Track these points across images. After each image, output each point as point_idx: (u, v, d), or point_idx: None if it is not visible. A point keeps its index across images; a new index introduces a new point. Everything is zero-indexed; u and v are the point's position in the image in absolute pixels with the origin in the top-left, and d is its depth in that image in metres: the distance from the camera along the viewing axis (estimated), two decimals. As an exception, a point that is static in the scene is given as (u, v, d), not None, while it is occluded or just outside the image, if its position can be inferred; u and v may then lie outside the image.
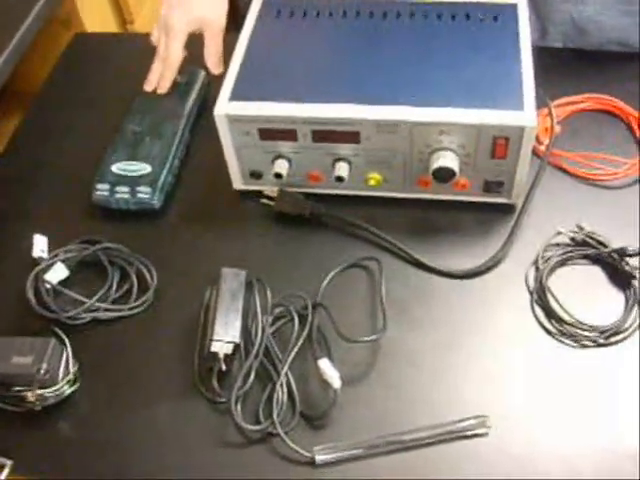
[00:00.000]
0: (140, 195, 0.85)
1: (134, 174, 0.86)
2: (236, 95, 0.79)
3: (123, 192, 0.85)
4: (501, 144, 0.76)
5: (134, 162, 0.87)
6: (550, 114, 0.83)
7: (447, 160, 0.77)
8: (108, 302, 0.79)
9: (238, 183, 0.86)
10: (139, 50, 0.95)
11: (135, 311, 0.79)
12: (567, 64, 0.97)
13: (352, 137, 0.78)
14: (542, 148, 0.87)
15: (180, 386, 0.74)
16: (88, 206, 0.87)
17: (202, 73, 0.96)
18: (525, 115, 0.75)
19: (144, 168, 0.87)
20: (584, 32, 1.00)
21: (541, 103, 0.84)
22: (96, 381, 0.74)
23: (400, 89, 0.78)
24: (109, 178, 0.86)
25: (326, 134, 0.78)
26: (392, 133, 0.77)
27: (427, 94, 0.77)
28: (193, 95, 0.94)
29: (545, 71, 0.90)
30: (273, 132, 0.79)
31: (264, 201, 0.84)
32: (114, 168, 0.87)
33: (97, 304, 0.79)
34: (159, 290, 0.80)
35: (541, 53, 0.92)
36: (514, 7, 0.86)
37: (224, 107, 0.78)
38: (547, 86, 0.91)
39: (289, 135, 0.79)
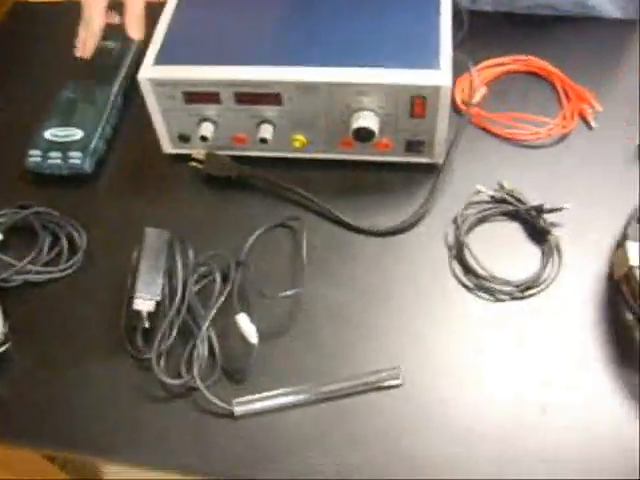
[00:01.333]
0: (72, 160, 0.86)
1: (66, 140, 0.87)
2: (160, 59, 0.80)
3: (55, 158, 0.86)
4: (419, 103, 0.78)
5: (67, 128, 0.88)
6: (470, 75, 0.84)
7: (366, 120, 0.78)
8: (39, 265, 0.81)
9: (167, 147, 0.87)
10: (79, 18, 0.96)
11: (65, 273, 0.81)
12: (497, 27, 0.98)
13: (274, 99, 0.79)
14: (467, 108, 0.88)
15: (109, 344, 0.75)
16: (22, 172, 0.88)
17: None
18: (441, 74, 0.76)
19: (76, 134, 0.88)
20: None
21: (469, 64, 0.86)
22: (28, 342, 0.76)
23: (321, 50, 0.79)
24: (41, 144, 0.87)
25: (249, 96, 0.80)
26: (313, 94, 0.78)
27: (346, 54, 0.78)
28: (127, 60, 0.95)
29: (475, 34, 0.92)
30: (197, 95, 0.80)
31: (193, 164, 0.85)
32: (47, 134, 0.88)
33: (29, 267, 0.80)
34: (89, 252, 0.82)
35: (472, 17, 0.94)
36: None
37: (148, 71, 0.80)
38: (477, 48, 0.93)
39: (213, 98, 0.80)
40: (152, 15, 0.84)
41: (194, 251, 0.78)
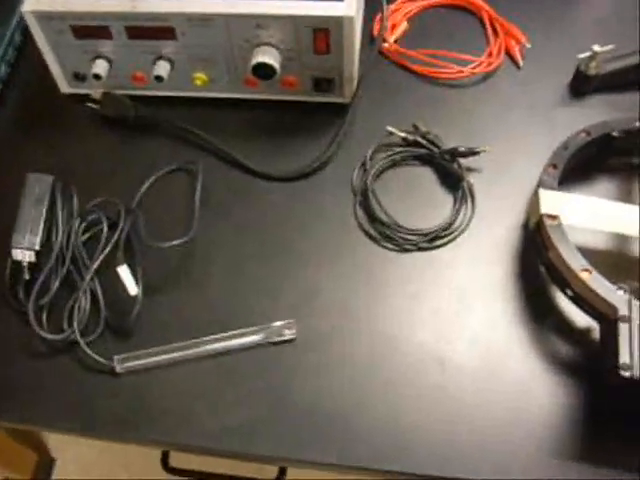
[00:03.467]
0: (-38, 101, 0.80)
1: (-43, 79, 0.81)
2: (44, -10, 0.74)
3: (-56, 98, 0.80)
4: (321, 37, 0.72)
5: (-40, 67, 0.82)
6: (381, 11, 0.78)
7: (266, 56, 0.72)
8: None
9: (64, 86, 0.82)
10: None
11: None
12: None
13: (168, 33, 0.74)
14: (385, 45, 0.82)
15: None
16: None
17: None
18: (343, 5, 0.70)
19: (-31, 72, 0.82)
20: None
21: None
22: None
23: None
24: None
25: (140, 30, 0.74)
26: (207, 27, 0.72)
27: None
28: None
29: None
30: (86, 29, 0.74)
31: (89, 104, 0.80)
32: (-62, 74, 0.82)
33: None
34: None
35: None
36: None
37: (32, 3, 0.74)
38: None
39: (103, 32, 0.74)
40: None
41: (83, 198, 0.73)
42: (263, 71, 0.73)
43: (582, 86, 0.79)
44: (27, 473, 1.32)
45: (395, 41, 0.83)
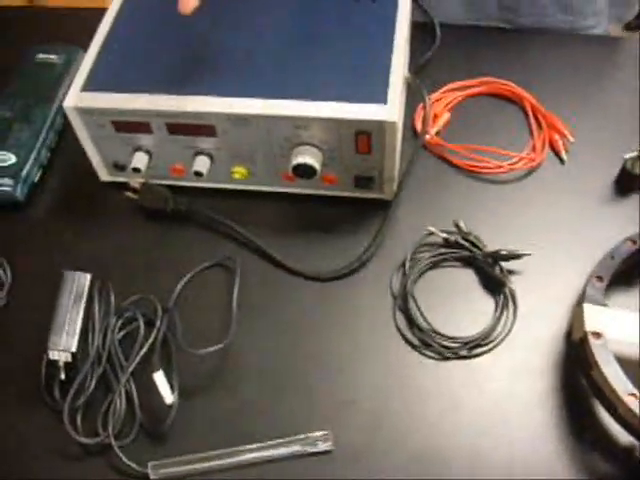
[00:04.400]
0: (2, 188, 0.81)
1: (-3, 165, 0.82)
2: (89, 85, 0.74)
3: (-15, 185, 0.81)
4: (363, 139, 0.71)
5: (0, 151, 0.83)
6: (424, 106, 0.77)
7: (306, 157, 0.72)
8: (-40, 302, 0.76)
9: (104, 175, 0.82)
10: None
11: (-12, 312, 0.76)
12: (470, 43, 0.91)
13: (208, 130, 0.73)
14: (427, 137, 0.81)
15: (27, 392, 0.70)
16: (-48, 197, 0.83)
17: (81, 53, 0.91)
18: (386, 109, 0.69)
19: (9, 158, 0.82)
20: None
21: (430, 89, 0.79)
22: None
23: (257, 79, 0.72)
24: (-28, 169, 0.82)
25: (181, 127, 0.73)
26: (247, 127, 0.72)
27: (285, 84, 0.72)
28: (70, 77, 0.89)
29: (447, 50, 0.85)
30: (127, 124, 0.74)
31: (128, 194, 0.80)
32: (-22, 158, 0.83)
33: (-52, 305, 0.75)
34: (15, 291, 0.77)
35: (445, 31, 0.87)
36: (396, -15, 0.79)
37: (74, 99, 0.74)
38: (446, 66, 0.86)
39: (144, 128, 0.74)
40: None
41: (120, 293, 0.72)
42: (303, 171, 0.72)
43: (628, 185, 0.78)
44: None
45: (437, 133, 0.82)
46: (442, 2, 0.92)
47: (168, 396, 0.66)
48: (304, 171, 0.72)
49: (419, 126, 0.83)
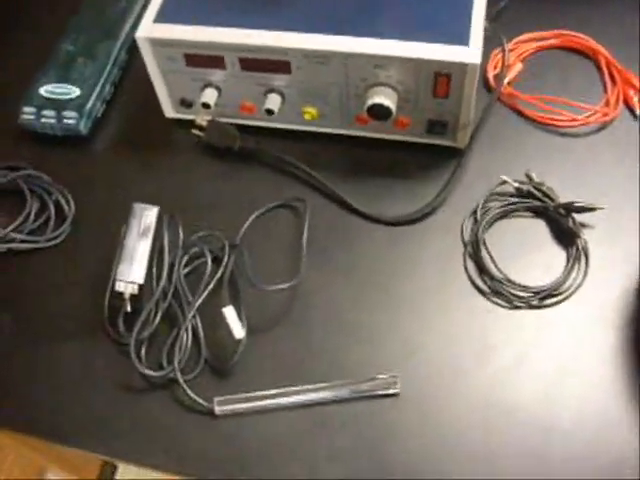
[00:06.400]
0: (66, 120, 0.80)
1: (62, 97, 0.81)
2: (162, 17, 0.73)
3: (49, 117, 0.80)
4: (443, 81, 0.70)
5: (64, 85, 0.82)
6: (503, 51, 0.76)
7: (382, 97, 0.70)
8: (24, 233, 0.75)
9: (169, 111, 0.81)
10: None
11: (51, 243, 0.76)
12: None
13: (283, 67, 0.72)
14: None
15: (90, 324, 0.70)
16: (15, 129, 0.82)
17: (147, -10, 0.90)
18: (469, 51, 0.68)
19: (73, 92, 0.81)
20: None
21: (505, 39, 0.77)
22: (6, 315, 0.71)
23: (336, 16, 0.71)
24: (36, 101, 0.81)
25: (255, 63, 0.72)
26: (324, 64, 0.71)
27: (364, 23, 0.70)
28: (134, 14, 0.88)
29: (518, 2, 0.83)
30: (199, 58, 0.73)
31: (194, 131, 0.79)
32: (42, 91, 0.82)
33: (12, 234, 0.75)
34: (77, 222, 0.76)
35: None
36: None
37: (147, 29, 0.73)
38: (518, 18, 0.84)
39: (216, 62, 0.73)
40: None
41: (186, 229, 0.71)
42: (379, 112, 0.71)
43: None
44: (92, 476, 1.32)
45: (509, 83, 0.80)
46: None
47: (238, 330, 0.66)
48: (379, 112, 0.71)
49: (491, 75, 0.81)
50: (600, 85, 0.82)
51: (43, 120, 0.80)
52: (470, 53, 0.67)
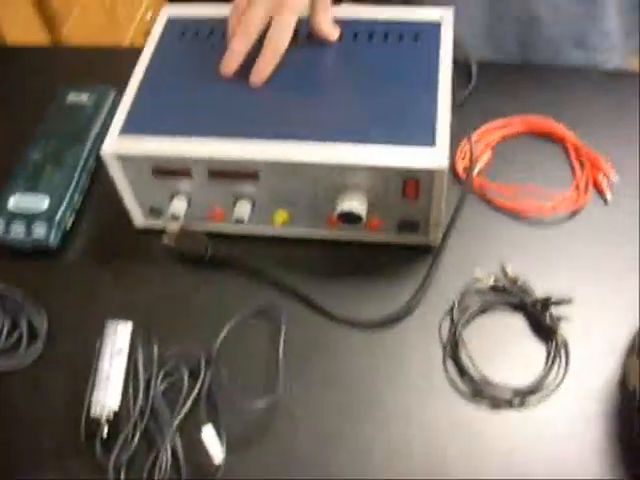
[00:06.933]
0: (36, 234, 0.79)
1: (30, 210, 0.80)
2: (127, 129, 0.73)
3: (18, 231, 0.79)
4: (411, 185, 0.70)
5: (33, 195, 0.81)
6: (470, 144, 0.76)
7: (352, 203, 0.70)
8: (-4, 354, 0.74)
9: (139, 220, 0.80)
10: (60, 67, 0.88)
11: (24, 363, 0.74)
12: (509, 81, 0.90)
13: (251, 176, 0.72)
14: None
15: (68, 449, 0.68)
16: (-17, 242, 0.81)
17: (112, 92, 0.90)
18: (436, 155, 0.68)
19: (42, 202, 0.81)
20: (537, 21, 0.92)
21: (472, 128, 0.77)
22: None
23: (302, 123, 0.71)
24: (4, 214, 0.80)
25: (223, 173, 0.72)
26: (293, 174, 0.70)
27: (331, 128, 0.70)
28: (101, 117, 0.88)
29: (485, 88, 0.84)
30: (167, 171, 0.73)
31: (165, 240, 0.78)
32: (10, 203, 0.81)
33: (-16, 356, 0.73)
34: (51, 340, 0.75)
35: (482, 69, 0.86)
36: (437, 26, 0.78)
37: (113, 144, 0.72)
38: (485, 105, 0.84)
39: (184, 173, 0.73)
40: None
41: (161, 343, 0.71)
42: (349, 218, 0.71)
43: (675, 225, 0.76)
44: None
45: (478, 172, 0.80)
46: (461, 38, 0.91)
47: (217, 454, 0.65)
48: (349, 218, 0.71)
49: (460, 166, 0.81)
50: (569, 169, 0.82)
51: (12, 235, 0.79)
52: (437, 157, 0.68)
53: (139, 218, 0.79)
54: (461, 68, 0.91)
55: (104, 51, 1.02)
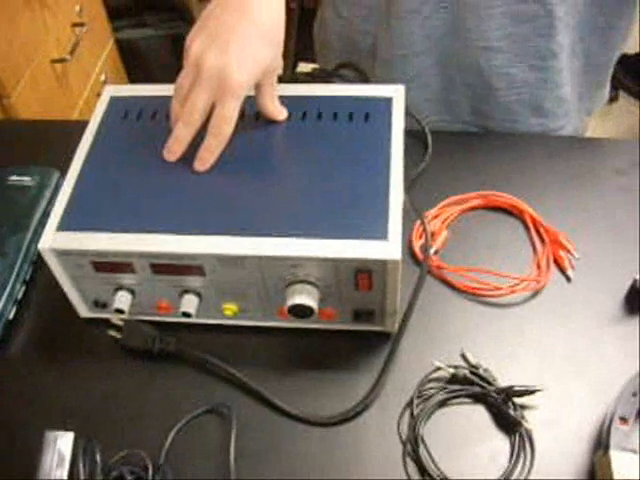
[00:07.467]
0: (-26, 329, 0.75)
1: (-31, 303, 0.76)
2: (65, 224, 0.69)
3: (-44, 326, 0.75)
4: (364, 277, 0.67)
5: (-29, 287, 0.77)
6: (425, 229, 0.73)
7: (302, 297, 0.67)
8: None
9: (84, 311, 0.76)
10: None
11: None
12: (465, 150, 0.88)
13: (196, 270, 0.68)
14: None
15: None
16: None
17: (56, 175, 0.86)
18: (388, 246, 0.65)
19: (-18, 294, 0.77)
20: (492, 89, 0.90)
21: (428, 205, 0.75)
22: None
23: (249, 214, 0.68)
24: (-59, 309, 0.76)
25: (166, 267, 0.69)
26: (238, 266, 0.67)
27: (277, 221, 0.67)
28: (44, 202, 0.84)
29: (440, 158, 0.82)
30: (108, 265, 0.69)
31: (111, 332, 0.74)
32: (-53, 296, 0.77)
33: None
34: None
35: (437, 139, 0.84)
36: (389, 102, 0.76)
37: (50, 239, 0.69)
38: (441, 179, 0.82)
39: (126, 268, 0.69)
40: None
41: (106, 447, 0.67)
42: (300, 311, 0.68)
43: (638, 302, 0.74)
44: None
45: (435, 252, 0.78)
46: (415, 105, 0.88)
47: None
48: (301, 311, 0.68)
49: (417, 245, 0.79)
50: (529, 245, 0.79)
51: (-51, 331, 0.75)
52: (389, 248, 0.65)
53: (84, 309, 0.76)
54: (416, 136, 0.88)
55: (50, 125, 0.99)
